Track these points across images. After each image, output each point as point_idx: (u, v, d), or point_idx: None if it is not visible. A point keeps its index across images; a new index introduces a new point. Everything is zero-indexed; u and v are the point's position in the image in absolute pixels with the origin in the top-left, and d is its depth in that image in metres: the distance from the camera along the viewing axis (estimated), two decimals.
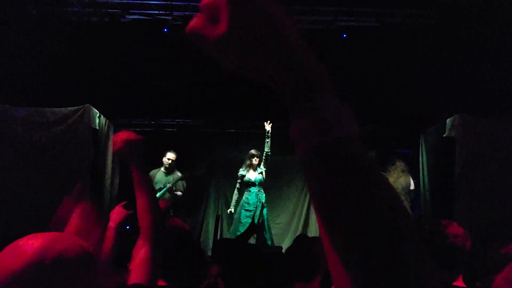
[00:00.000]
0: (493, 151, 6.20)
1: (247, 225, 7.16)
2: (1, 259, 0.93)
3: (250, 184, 7.53)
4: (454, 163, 6.20)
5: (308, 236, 2.61)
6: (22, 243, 0.96)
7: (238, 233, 7.11)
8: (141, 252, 1.59)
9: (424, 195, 7.40)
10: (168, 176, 7.29)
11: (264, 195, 7.56)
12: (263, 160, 7.52)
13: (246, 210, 7.40)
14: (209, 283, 2.39)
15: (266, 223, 7.49)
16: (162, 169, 7.30)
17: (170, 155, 7.32)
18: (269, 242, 7.38)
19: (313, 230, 8.83)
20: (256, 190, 7.49)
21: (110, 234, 2.27)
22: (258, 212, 7.34)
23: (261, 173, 7.56)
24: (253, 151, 7.63)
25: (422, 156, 7.51)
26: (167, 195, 7.12)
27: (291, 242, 2.72)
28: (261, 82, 0.62)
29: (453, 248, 1.97)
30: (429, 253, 1.60)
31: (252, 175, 7.55)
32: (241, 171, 7.63)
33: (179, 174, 7.39)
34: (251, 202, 7.41)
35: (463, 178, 6.15)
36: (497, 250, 3.11)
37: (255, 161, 7.54)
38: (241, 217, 7.38)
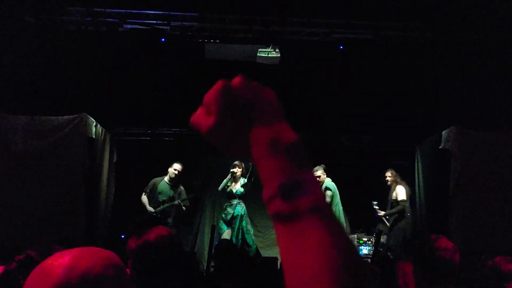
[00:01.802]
0: (488, 163, 6.23)
1: (227, 236, 7.11)
2: (30, 285, 0.94)
3: (231, 196, 7.41)
4: (449, 175, 6.23)
5: None
6: (49, 264, 0.96)
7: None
8: None
9: (419, 207, 7.41)
10: (173, 188, 7.16)
11: (244, 207, 7.40)
12: (250, 174, 7.37)
13: (225, 221, 7.33)
14: None
15: (246, 235, 7.31)
16: (166, 179, 7.15)
17: (177, 166, 7.17)
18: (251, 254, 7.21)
19: None
20: (236, 202, 7.37)
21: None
22: (237, 225, 7.26)
23: (244, 185, 7.39)
24: (236, 162, 7.43)
25: (417, 168, 7.53)
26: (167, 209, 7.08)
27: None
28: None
29: (442, 261, 1.99)
30: (420, 266, 1.61)
31: (235, 187, 7.42)
32: (224, 182, 7.49)
33: (182, 188, 7.29)
34: (229, 213, 7.33)
35: (458, 190, 6.17)
36: (485, 262, 3.12)
37: (237, 171, 7.36)
38: (221, 230, 7.28)
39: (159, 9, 6.47)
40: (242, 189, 7.38)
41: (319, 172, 7.23)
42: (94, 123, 6.50)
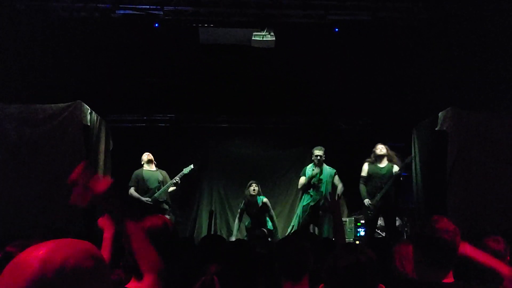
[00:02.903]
0: (485, 144, 6.23)
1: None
2: (4, 280, 0.91)
3: (252, 217, 7.55)
4: (446, 157, 6.22)
5: (296, 235, 2.60)
6: (23, 258, 0.93)
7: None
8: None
9: (416, 189, 7.42)
10: (157, 173, 7.19)
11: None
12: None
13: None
14: (205, 281, 2.37)
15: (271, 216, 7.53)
16: (146, 167, 7.16)
17: (145, 154, 7.20)
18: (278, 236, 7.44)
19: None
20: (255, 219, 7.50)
21: (106, 244, 2.25)
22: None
23: (262, 203, 7.45)
24: (251, 182, 7.50)
25: (414, 150, 7.53)
26: (163, 193, 7.07)
27: (279, 242, 2.70)
28: (256, 80, 0.67)
29: (443, 242, 1.97)
30: (420, 248, 1.60)
31: (252, 209, 7.48)
32: (241, 205, 7.59)
33: (163, 172, 7.29)
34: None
35: (455, 172, 6.18)
36: (485, 243, 3.13)
37: (253, 191, 7.38)
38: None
39: None
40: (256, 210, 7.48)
41: (321, 152, 7.25)
42: (89, 111, 6.45)
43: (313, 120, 9.46)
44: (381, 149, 6.89)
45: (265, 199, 7.46)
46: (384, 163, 6.89)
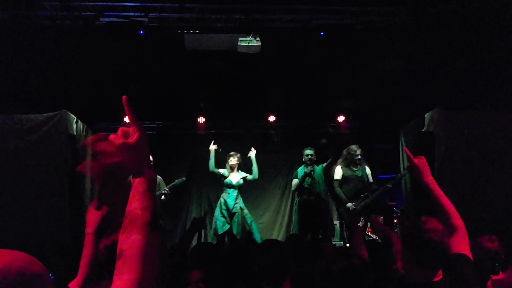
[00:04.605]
0: (471, 143, 6.29)
1: (224, 230, 7.16)
2: None
3: (231, 186, 7.43)
4: (433, 157, 6.27)
5: (276, 240, 2.58)
6: None
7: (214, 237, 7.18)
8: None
9: (405, 190, 7.46)
10: None
11: (241, 199, 7.47)
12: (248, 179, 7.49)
13: (223, 216, 7.31)
14: None
15: (253, 225, 7.38)
16: None
17: None
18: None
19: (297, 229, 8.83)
20: (235, 194, 7.40)
21: (88, 240, 2.21)
22: (238, 217, 7.27)
23: (244, 178, 7.47)
24: (231, 152, 7.57)
25: (402, 151, 7.57)
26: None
27: (258, 247, 2.68)
28: (243, 86, 0.70)
29: (432, 243, 1.98)
30: (409, 249, 1.59)
31: (234, 178, 7.45)
32: (222, 171, 7.52)
33: (159, 177, 7.24)
34: (230, 205, 7.31)
35: (443, 172, 6.22)
36: (478, 243, 3.15)
37: (231, 161, 7.44)
38: (217, 223, 7.31)
39: (136, 0, 6.34)
40: (242, 181, 7.43)
41: (311, 151, 7.31)
42: (75, 120, 6.39)
43: (301, 124, 9.47)
44: (358, 152, 6.85)
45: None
46: (358, 165, 6.87)
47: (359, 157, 6.80)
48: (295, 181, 7.36)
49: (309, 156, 7.27)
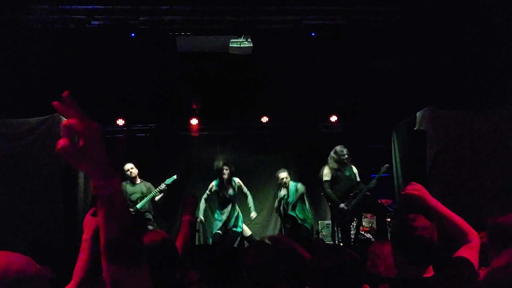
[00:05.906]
0: (462, 141, 6.34)
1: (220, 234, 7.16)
2: None
3: (225, 201, 7.29)
4: (425, 156, 6.31)
5: (266, 244, 2.50)
6: None
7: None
8: None
9: (398, 189, 7.50)
10: (139, 185, 7.08)
11: (237, 206, 7.40)
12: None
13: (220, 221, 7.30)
14: None
15: (249, 198, 7.50)
16: (128, 182, 7.03)
17: (128, 166, 7.03)
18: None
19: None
20: (230, 207, 7.27)
21: (85, 246, 2.21)
22: (238, 222, 7.29)
23: (237, 187, 7.35)
24: (223, 166, 7.28)
25: (394, 151, 7.62)
26: (147, 204, 7.01)
27: (247, 249, 2.60)
28: (236, 87, 0.71)
29: (422, 240, 2.01)
30: (398, 246, 1.60)
31: (227, 191, 7.28)
32: (215, 186, 7.32)
33: (148, 182, 7.24)
34: (226, 216, 7.25)
35: (435, 170, 6.27)
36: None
37: (224, 174, 7.22)
38: (214, 223, 7.35)
39: (127, 3, 6.34)
40: (233, 192, 7.31)
41: (284, 174, 7.31)
42: None
43: (293, 125, 9.49)
44: (345, 152, 6.78)
45: (238, 179, 7.43)
46: (346, 165, 6.83)
47: (346, 156, 6.77)
48: (276, 202, 7.59)
49: (283, 179, 7.27)
